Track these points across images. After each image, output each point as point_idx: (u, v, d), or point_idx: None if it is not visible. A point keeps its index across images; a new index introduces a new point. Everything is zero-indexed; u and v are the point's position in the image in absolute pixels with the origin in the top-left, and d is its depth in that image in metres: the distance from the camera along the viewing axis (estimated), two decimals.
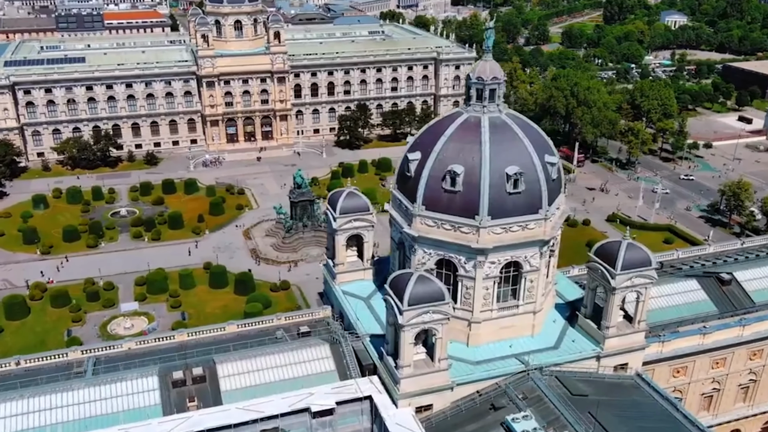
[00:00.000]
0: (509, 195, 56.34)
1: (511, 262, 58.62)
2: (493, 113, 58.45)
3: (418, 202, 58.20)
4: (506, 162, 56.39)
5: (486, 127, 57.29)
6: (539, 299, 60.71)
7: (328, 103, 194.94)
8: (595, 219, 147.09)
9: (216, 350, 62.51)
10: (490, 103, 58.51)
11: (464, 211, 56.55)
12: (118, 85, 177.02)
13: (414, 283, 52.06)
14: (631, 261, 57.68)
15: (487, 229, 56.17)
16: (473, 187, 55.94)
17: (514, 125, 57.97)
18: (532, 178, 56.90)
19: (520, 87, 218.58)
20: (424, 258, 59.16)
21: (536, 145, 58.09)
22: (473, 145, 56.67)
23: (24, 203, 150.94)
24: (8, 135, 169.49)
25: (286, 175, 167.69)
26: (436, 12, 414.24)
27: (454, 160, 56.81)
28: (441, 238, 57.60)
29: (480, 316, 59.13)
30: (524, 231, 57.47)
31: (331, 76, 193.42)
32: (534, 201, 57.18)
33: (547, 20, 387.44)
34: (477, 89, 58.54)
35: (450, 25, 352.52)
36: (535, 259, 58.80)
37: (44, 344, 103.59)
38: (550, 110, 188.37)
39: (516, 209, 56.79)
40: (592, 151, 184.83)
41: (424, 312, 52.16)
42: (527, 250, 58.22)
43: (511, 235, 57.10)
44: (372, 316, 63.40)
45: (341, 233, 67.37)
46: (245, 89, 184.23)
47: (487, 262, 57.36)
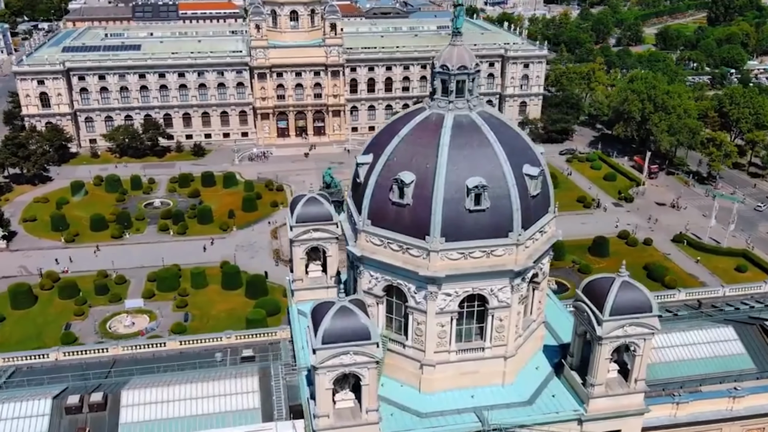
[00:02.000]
0: (469, 213, 45.30)
1: (474, 295, 47.51)
2: (460, 111, 47.51)
3: (363, 215, 48.08)
4: (468, 171, 45.39)
5: (448, 128, 46.45)
6: (512, 342, 49.23)
7: (385, 99, 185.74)
8: (659, 238, 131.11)
9: (139, 371, 54.71)
10: (457, 98, 47.61)
11: (414, 229, 45.96)
12: (171, 74, 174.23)
13: (332, 317, 42.17)
14: (624, 305, 45.40)
15: (439, 253, 45.37)
16: (425, 201, 45.27)
17: (485, 126, 46.76)
18: (501, 192, 45.62)
19: (597, 89, 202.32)
20: (371, 283, 48.95)
21: (511, 153, 46.67)
22: (429, 149, 45.99)
23: (64, 189, 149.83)
24: (61, 120, 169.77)
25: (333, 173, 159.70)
26: (525, 10, 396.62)
27: (405, 167, 46.31)
28: (387, 261, 47.22)
29: (434, 357, 48.35)
30: (489, 258, 46.26)
31: (390, 72, 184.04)
32: (502, 222, 45.87)
33: (643, 20, 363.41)
34: (442, 80, 47.76)
35: (537, 23, 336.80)
36: (505, 293, 47.43)
37: (40, 337, 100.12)
38: (623, 115, 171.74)
39: (478, 231, 45.69)
40: (668, 162, 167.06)
41: (343, 352, 42.13)
42: (493, 282, 46.96)
43: (471, 262, 46.05)
44: None
45: (298, 244, 58.02)
46: (298, 82, 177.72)
47: (441, 294, 46.52)
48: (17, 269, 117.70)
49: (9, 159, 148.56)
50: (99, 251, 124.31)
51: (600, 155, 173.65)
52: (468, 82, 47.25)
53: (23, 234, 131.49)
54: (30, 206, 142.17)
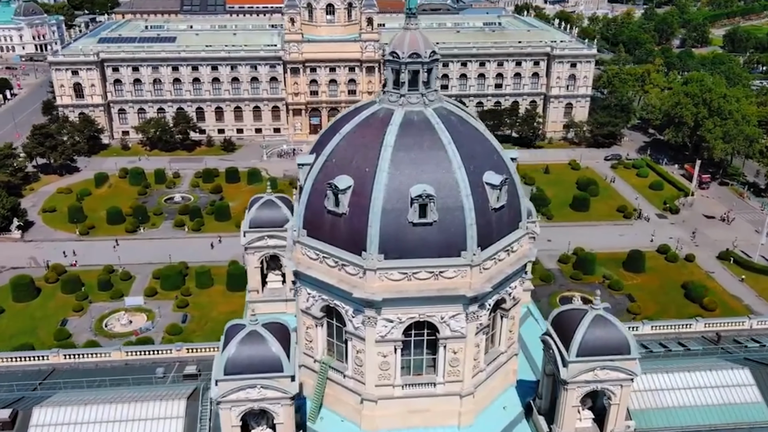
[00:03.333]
0: (413, 226, 38.45)
1: (422, 323, 40.62)
2: (413, 106, 40.66)
3: (298, 224, 41.81)
4: (413, 177, 38.55)
5: (395, 126, 39.69)
6: (469, 378, 42.08)
7: None
8: (704, 255, 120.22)
9: (71, 384, 49.89)
10: (410, 91, 40.74)
11: (350, 243, 39.41)
12: (204, 67, 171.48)
13: (238, 343, 36.14)
14: (595, 344, 37.90)
15: (377, 272, 38.69)
16: (362, 211, 38.64)
17: (440, 125, 39.75)
18: (452, 203, 38.60)
19: (652, 92, 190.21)
20: (309, 302, 42.62)
21: (470, 157, 39.56)
22: (370, 151, 39.33)
23: (88, 181, 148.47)
24: (93, 111, 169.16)
25: None
26: (587, 9, 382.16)
27: (343, 170, 39.81)
28: (322, 278, 40.79)
29: (375, 392, 41.65)
30: (437, 280, 39.30)
31: None
32: (453, 238, 38.85)
33: (713, 21, 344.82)
34: (393, 70, 40.94)
35: (596, 22, 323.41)
36: (459, 321, 40.36)
37: (35, 332, 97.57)
38: (674, 119, 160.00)
39: (424, 248, 38.80)
40: (722, 172, 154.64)
41: (249, 385, 36.04)
42: (444, 308, 39.97)
43: (415, 283, 39.19)
44: None
45: (252, 252, 52.34)
46: (332, 78, 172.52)
47: (381, 319, 39.80)
48: (27, 260, 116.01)
49: (36, 149, 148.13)
50: (118, 246, 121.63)
51: (648, 162, 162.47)
52: (422, 72, 40.33)
53: (40, 225, 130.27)
54: (52, 197, 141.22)
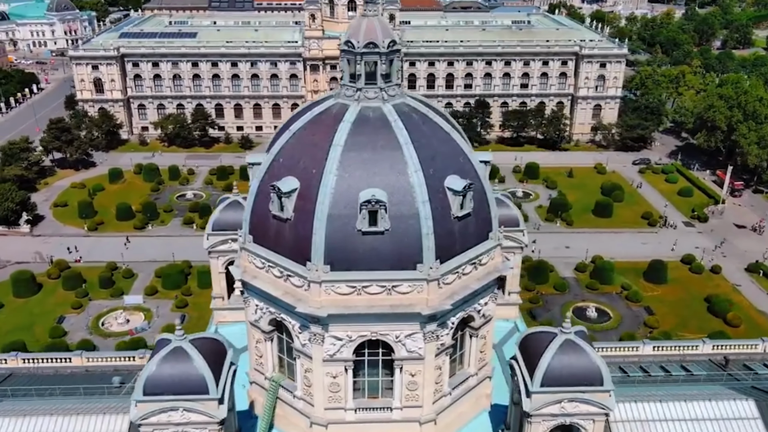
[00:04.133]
0: (363, 235, 34.60)
1: (377, 341, 36.74)
2: (370, 101, 36.78)
3: (245, 229, 38.32)
4: (363, 181, 34.71)
5: (347, 123, 35.88)
6: (429, 403, 38.06)
7: (445, 96, 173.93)
8: (731, 266, 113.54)
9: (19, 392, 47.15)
10: (367, 85, 36.88)
11: (295, 252, 35.76)
12: (223, 63, 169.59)
13: (160, 360, 32.71)
14: (563, 373, 33.58)
15: (322, 284, 34.96)
16: (307, 216, 34.92)
17: (397, 123, 35.79)
18: (407, 210, 34.65)
19: (686, 94, 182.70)
20: (257, 314, 39.11)
21: (430, 159, 35.58)
22: (319, 150, 35.61)
23: (103, 176, 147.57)
24: (113, 107, 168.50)
25: None
26: (625, 8, 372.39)
27: (290, 171, 36.22)
28: (266, 289, 37.26)
29: (325, 415, 37.89)
30: (390, 295, 35.39)
31: (451, 67, 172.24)
32: (408, 249, 34.90)
33: (757, 22, 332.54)
34: (348, 61, 37.09)
35: (634, 22, 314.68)
36: (416, 341, 36.37)
37: (31, 329, 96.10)
38: (707, 123, 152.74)
39: (375, 259, 34.95)
40: (756, 179, 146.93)
41: (170, 408, 32.56)
42: (399, 327, 36.03)
43: (365, 298, 35.35)
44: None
45: (216, 256, 49.14)
46: None
47: (329, 337, 36.04)
48: (32, 255, 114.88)
49: (52, 143, 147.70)
50: (129, 243, 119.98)
51: (678, 167, 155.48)
52: (381, 64, 36.37)
53: (50, 219, 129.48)
54: (65, 191, 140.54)
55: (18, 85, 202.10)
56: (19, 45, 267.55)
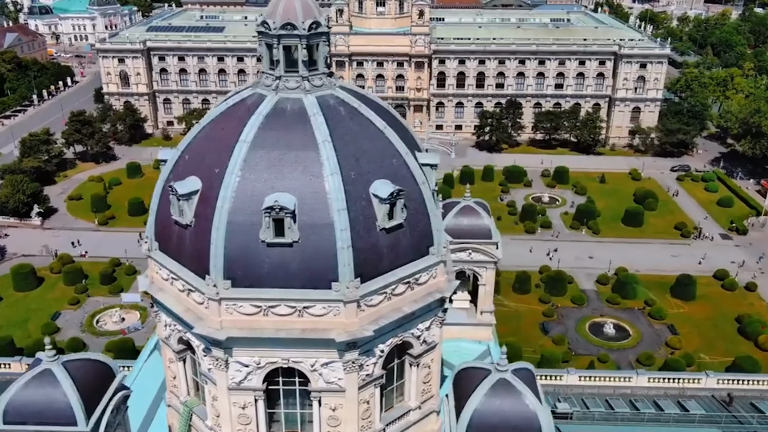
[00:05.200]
0: (268, 247, 29.71)
1: (291, 370, 31.83)
2: (290, 92, 31.85)
3: (150, 234, 33.92)
4: (269, 184, 29.85)
5: (260, 116, 31.04)
6: None
7: (476, 96, 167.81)
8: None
9: None
10: (287, 73, 31.95)
11: (196, 263, 31.11)
12: (249, 58, 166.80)
13: (24, 385, 28.49)
14: (492, 420, 28.04)
15: (223, 303, 30.22)
16: (208, 223, 30.23)
17: (318, 117, 30.76)
18: (320, 219, 29.63)
19: (734, 98, 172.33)
20: (167, 331, 34.61)
21: (353, 159, 30.52)
22: (225, 147, 30.83)
23: (122, 170, 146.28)
24: (138, 100, 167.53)
25: None
26: (679, 8, 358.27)
27: (194, 169, 31.59)
28: (168, 304, 32.75)
29: None
30: (301, 317, 30.42)
31: (482, 66, 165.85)
32: (321, 265, 29.85)
33: None
34: (266, 45, 32.22)
35: (686, 22, 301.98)
36: (335, 371, 31.30)
37: (25, 324, 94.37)
38: (752, 128, 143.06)
39: (283, 276, 29.99)
40: None
41: None
42: (314, 354, 31.03)
43: (273, 320, 30.46)
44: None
45: None
46: (379, 73, 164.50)
47: (234, 362, 31.26)
48: (39, 248, 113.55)
49: (72, 135, 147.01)
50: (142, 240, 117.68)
51: (719, 175, 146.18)
52: (301, 49, 31.40)
53: (63, 212, 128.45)
54: (82, 185, 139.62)
55: (52, 78, 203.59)
56: (61, 39, 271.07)
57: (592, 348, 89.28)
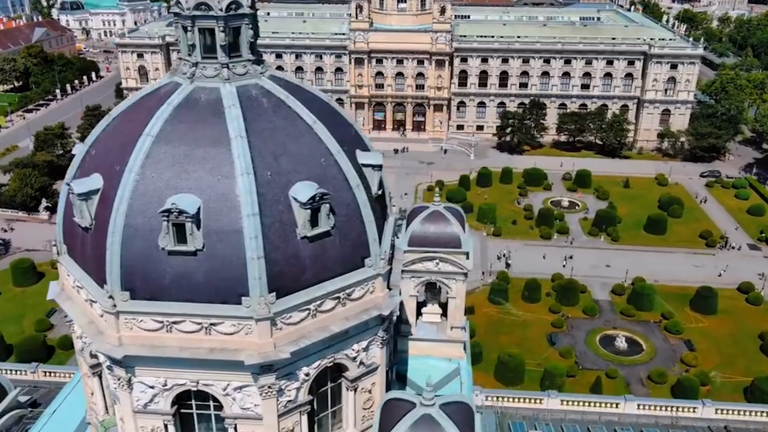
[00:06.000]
0: (169, 255, 26.26)
1: (204, 394, 28.34)
2: (207, 81, 28.39)
3: (58, 236, 30.83)
4: (173, 183, 26.41)
5: (170, 106, 27.65)
6: None
7: (498, 95, 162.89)
8: None
9: None
10: (205, 59, 28.48)
11: (96, 270, 27.85)
12: (267, 55, 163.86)
13: None
14: None
15: (121, 316, 26.87)
16: (106, 226, 26.92)
17: (233, 109, 27.22)
18: (228, 225, 26.12)
19: None
20: (79, 343, 31.54)
21: (271, 158, 26.96)
22: (129, 142, 27.45)
23: None
24: None
25: (414, 175, 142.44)
26: (721, 9, 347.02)
27: (98, 166, 28.36)
28: (72, 315, 29.83)
29: None
30: (209, 335, 26.89)
31: (506, 64, 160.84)
32: (229, 277, 26.31)
33: None
34: (182, 28, 28.74)
35: (727, 23, 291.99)
36: (250, 396, 27.75)
37: (20, 320, 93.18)
38: None
39: (188, 288, 26.52)
40: None
41: None
42: (225, 376, 27.50)
43: (178, 337, 26.99)
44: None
45: None
46: (399, 71, 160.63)
47: (138, 383, 27.93)
48: (44, 243, 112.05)
49: (87, 130, 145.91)
50: None
51: (752, 181, 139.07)
52: (218, 32, 27.88)
53: None
54: None
55: (77, 73, 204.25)
56: (91, 34, 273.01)
57: (601, 362, 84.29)
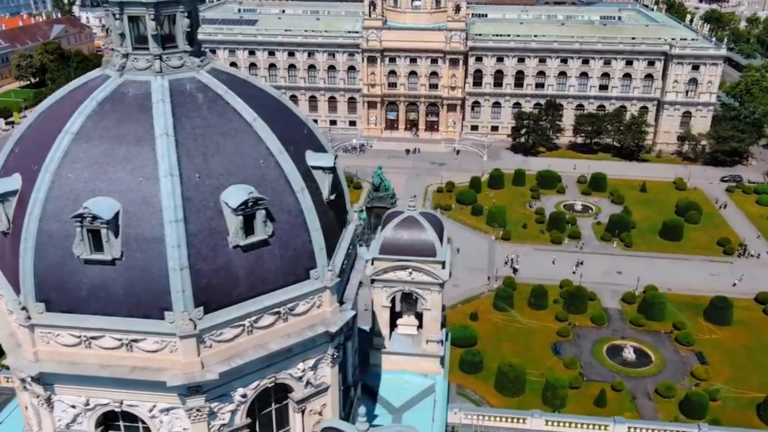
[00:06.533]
0: (86, 264, 23.97)
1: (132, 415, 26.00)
2: (138, 74, 26.06)
3: None
4: (91, 185, 24.12)
5: (93, 101, 25.41)
6: None
7: (514, 96, 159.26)
8: None
9: None
10: (136, 50, 26.16)
11: (13, 278, 25.64)
12: (280, 53, 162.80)
13: None
14: None
15: (36, 330, 24.68)
16: (20, 231, 24.70)
17: (162, 105, 24.87)
18: (149, 232, 23.84)
19: None
20: None
21: (199, 159, 24.57)
22: (49, 140, 25.26)
23: None
24: None
25: (425, 176, 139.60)
26: (750, 9, 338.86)
27: (20, 165, 26.20)
28: None
29: None
30: (131, 352, 24.59)
31: (522, 64, 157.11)
32: (150, 289, 23.97)
33: None
34: (113, 16, 26.42)
35: (756, 24, 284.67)
36: (179, 418, 25.43)
37: None
38: None
39: (107, 301, 24.26)
40: None
41: None
42: (150, 397, 25.18)
43: (98, 354, 24.76)
44: None
45: None
46: (412, 69, 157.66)
47: (58, 401, 25.75)
48: None
49: None
50: None
51: None
52: (149, 20, 25.53)
53: None
54: None
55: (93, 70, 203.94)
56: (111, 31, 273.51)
57: (607, 374, 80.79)
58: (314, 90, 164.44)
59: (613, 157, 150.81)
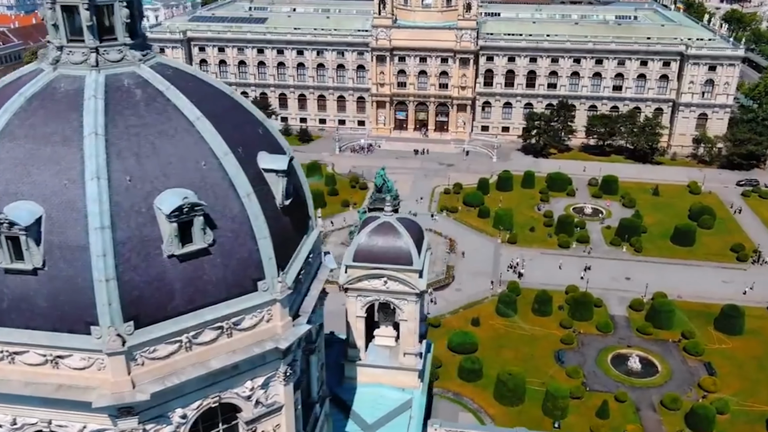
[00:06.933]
0: (6, 274, 22.14)
1: None
2: (72, 68, 24.14)
3: None
4: (11, 189, 22.29)
5: (21, 97, 23.55)
6: None
7: (525, 96, 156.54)
8: None
9: None
10: (71, 43, 24.25)
11: None
12: (289, 51, 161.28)
13: None
14: None
15: None
16: None
17: (93, 102, 22.88)
18: (73, 239, 21.91)
19: None
20: None
21: (131, 161, 22.58)
22: None
23: None
24: None
25: (433, 177, 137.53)
26: None
27: None
28: None
29: None
30: (57, 369, 22.69)
31: (534, 64, 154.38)
32: (74, 301, 22.04)
33: None
34: (46, 5, 24.50)
35: None
36: None
37: None
38: None
39: (28, 312, 22.36)
40: None
41: None
42: (79, 417, 23.23)
43: (22, 370, 22.82)
44: None
45: None
46: (422, 69, 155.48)
47: None
48: None
49: None
50: None
51: None
52: (82, 10, 23.55)
53: None
54: None
55: None
56: None
57: (611, 384, 78.17)
58: (323, 89, 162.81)
59: (626, 160, 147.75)
